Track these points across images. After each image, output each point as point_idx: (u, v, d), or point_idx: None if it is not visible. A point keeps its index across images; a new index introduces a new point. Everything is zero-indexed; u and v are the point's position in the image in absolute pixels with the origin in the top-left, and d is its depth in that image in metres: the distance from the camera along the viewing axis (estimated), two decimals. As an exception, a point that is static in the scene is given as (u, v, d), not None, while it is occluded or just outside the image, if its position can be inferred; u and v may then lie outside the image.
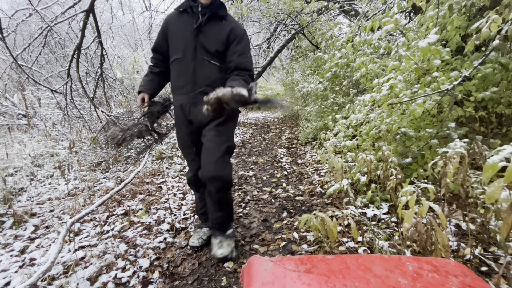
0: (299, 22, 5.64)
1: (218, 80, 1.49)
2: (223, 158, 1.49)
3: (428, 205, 1.16)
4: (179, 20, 1.55)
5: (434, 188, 1.23)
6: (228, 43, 1.50)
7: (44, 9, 3.49)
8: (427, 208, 1.16)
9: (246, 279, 0.66)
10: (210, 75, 1.51)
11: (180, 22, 1.54)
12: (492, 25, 1.54)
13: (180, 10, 1.55)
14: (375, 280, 0.60)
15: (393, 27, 2.06)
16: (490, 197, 0.94)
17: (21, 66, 2.92)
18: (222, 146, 1.51)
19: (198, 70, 1.51)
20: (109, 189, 2.78)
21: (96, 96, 3.98)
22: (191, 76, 1.52)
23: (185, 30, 1.51)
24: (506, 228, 0.95)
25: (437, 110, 2.12)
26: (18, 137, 4.32)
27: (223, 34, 1.48)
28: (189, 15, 1.51)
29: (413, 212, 1.17)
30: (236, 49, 1.50)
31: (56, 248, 1.58)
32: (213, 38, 1.49)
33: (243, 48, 1.51)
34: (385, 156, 1.83)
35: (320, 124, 4.24)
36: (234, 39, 1.49)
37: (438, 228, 1.15)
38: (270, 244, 1.80)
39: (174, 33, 1.56)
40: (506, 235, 0.96)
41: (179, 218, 2.22)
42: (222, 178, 1.50)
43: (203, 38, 1.49)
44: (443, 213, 1.28)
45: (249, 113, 10.02)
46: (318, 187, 2.69)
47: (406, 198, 1.20)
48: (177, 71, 1.57)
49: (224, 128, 1.54)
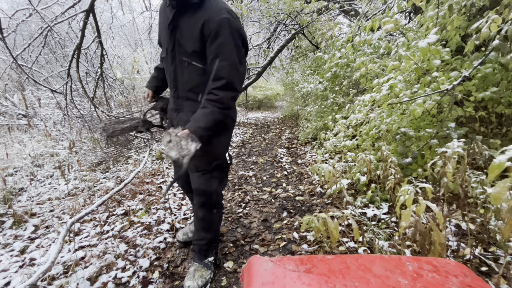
0: (299, 22, 5.64)
1: (201, 85, 1.24)
2: (210, 174, 1.35)
3: (425, 204, 1.16)
4: (163, 12, 1.31)
5: (431, 187, 1.23)
6: (203, 41, 1.16)
7: (44, 9, 3.49)
8: (425, 207, 1.16)
9: (246, 279, 0.66)
10: (190, 79, 1.26)
11: (163, 14, 1.32)
12: (492, 25, 1.54)
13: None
14: (375, 280, 0.60)
15: (392, 27, 2.06)
16: (495, 198, 0.92)
17: (21, 66, 2.92)
18: (210, 165, 1.35)
19: (178, 73, 1.28)
20: (109, 189, 2.78)
21: (96, 96, 3.98)
22: (173, 80, 1.32)
23: (164, 26, 1.27)
24: (509, 229, 0.95)
25: (437, 110, 2.11)
26: (18, 137, 4.32)
27: (197, 30, 1.16)
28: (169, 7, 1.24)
29: (411, 211, 1.18)
30: (210, 50, 1.16)
31: (56, 248, 1.58)
32: (188, 35, 1.19)
33: (218, 47, 1.14)
34: (385, 156, 1.83)
35: (320, 124, 4.24)
36: (209, 35, 1.14)
37: (435, 227, 1.15)
38: (270, 244, 1.80)
39: (159, 28, 1.36)
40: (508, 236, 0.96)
41: (179, 218, 2.22)
42: (205, 192, 1.35)
43: (179, 35, 1.22)
44: (443, 213, 1.29)
45: (249, 113, 10.02)
46: (318, 187, 2.69)
47: (404, 197, 1.20)
48: (165, 72, 1.39)
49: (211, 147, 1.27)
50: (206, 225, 1.45)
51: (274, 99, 12.89)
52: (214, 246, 1.52)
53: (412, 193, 1.19)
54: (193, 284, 1.37)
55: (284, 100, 12.51)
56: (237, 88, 1.20)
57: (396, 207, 1.24)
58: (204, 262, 1.47)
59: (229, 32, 1.13)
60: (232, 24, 1.13)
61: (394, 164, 1.79)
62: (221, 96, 1.16)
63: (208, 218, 1.43)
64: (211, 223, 1.46)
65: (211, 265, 1.48)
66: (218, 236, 1.56)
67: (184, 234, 1.79)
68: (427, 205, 1.16)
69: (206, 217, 1.42)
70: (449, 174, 1.21)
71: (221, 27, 1.12)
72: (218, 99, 1.16)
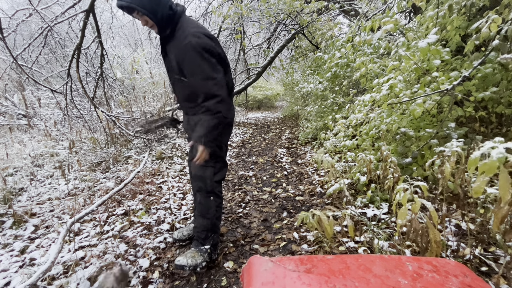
0: (299, 22, 5.64)
1: (191, 94, 1.45)
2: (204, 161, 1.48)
3: (420, 202, 1.19)
4: None
5: (426, 186, 1.25)
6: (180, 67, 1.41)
7: (44, 9, 3.49)
8: (420, 205, 1.18)
9: (246, 279, 0.66)
10: (183, 91, 1.51)
11: None
12: (492, 25, 1.54)
13: None
14: (375, 280, 0.60)
15: (392, 27, 2.06)
16: (476, 191, 0.97)
17: (21, 66, 2.92)
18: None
19: (175, 88, 1.58)
20: (109, 189, 2.78)
21: (96, 96, 3.98)
22: (175, 95, 1.64)
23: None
24: (496, 223, 0.99)
25: (437, 110, 2.11)
26: (18, 137, 4.32)
27: (174, 59, 1.41)
28: None
29: (406, 209, 1.20)
30: (186, 72, 1.40)
31: (56, 248, 1.58)
32: (172, 61, 1.45)
33: (189, 68, 1.37)
34: (385, 156, 1.83)
35: (320, 124, 4.24)
36: (181, 61, 1.38)
37: (431, 225, 1.16)
38: (270, 244, 1.80)
39: None
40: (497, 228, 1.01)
41: (179, 218, 2.22)
42: (200, 178, 1.54)
43: (168, 61, 1.52)
44: (442, 212, 1.29)
45: (249, 113, 10.02)
46: (318, 187, 2.69)
47: (399, 196, 1.21)
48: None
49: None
50: (203, 210, 1.57)
51: (274, 99, 12.89)
52: (211, 237, 1.59)
53: (408, 191, 1.21)
54: (182, 260, 1.49)
55: (284, 100, 12.51)
56: (217, 94, 1.36)
57: (393, 205, 1.25)
58: (199, 248, 1.56)
59: (192, 53, 1.33)
60: (194, 44, 1.32)
61: (394, 164, 1.79)
62: (208, 106, 1.37)
63: (205, 203, 1.56)
64: (208, 209, 1.57)
65: (205, 253, 1.55)
66: (216, 228, 1.62)
67: (179, 232, 1.86)
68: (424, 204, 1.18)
69: (203, 202, 1.57)
70: (447, 173, 1.21)
71: (186, 52, 1.34)
72: (206, 110, 1.38)
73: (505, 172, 0.90)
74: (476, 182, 0.98)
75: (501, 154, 0.90)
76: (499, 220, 0.97)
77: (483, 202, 1.44)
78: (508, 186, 0.89)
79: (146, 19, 1.34)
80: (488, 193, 1.33)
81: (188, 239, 1.84)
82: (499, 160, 0.90)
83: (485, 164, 0.93)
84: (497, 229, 1.01)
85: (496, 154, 0.91)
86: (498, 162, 0.90)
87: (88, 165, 3.52)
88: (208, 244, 1.57)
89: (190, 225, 1.87)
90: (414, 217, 1.21)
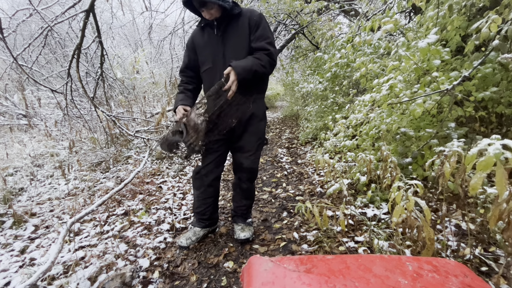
0: (299, 22, 5.64)
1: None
2: (255, 154, 1.75)
3: (414, 200, 1.21)
4: (199, 36, 1.71)
5: (421, 184, 1.27)
6: (249, 33, 1.60)
7: (44, 9, 3.48)
8: (413, 203, 1.21)
9: (246, 279, 0.66)
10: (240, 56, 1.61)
11: (199, 37, 1.71)
12: (492, 25, 1.54)
13: (201, 25, 1.70)
14: (375, 280, 0.60)
15: (392, 27, 2.06)
16: (473, 187, 0.99)
17: (22, 66, 2.92)
18: (255, 144, 1.74)
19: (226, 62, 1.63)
20: (109, 189, 2.78)
21: (96, 96, 3.98)
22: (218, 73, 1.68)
23: (207, 43, 1.67)
24: (493, 220, 1.00)
25: (437, 110, 2.11)
26: (18, 137, 4.32)
27: (245, 27, 1.60)
28: (211, 28, 1.66)
29: (401, 207, 1.21)
30: (256, 35, 1.59)
31: (56, 248, 1.58)
32: (236, 36, 1.60)
33: (262, 30, 1.59)
34: (385, 156, 1.83)
35: (320, 124, 4.24)
36: (254, 25, 1.59)
37: (425, 222, 1.17)
38: (270, 244, 1.80)
39: (202, 47, 1.71)
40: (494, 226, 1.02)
41: (179, 218, 2.22)
42: (253, 169, 1.79)
43: (227, 41, 1.62)
44: (442, 212, 1.29)
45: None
46: (318, 187, 2.69)
47: (394, 194, 1.22)
48: (210, 79, 1.69)
49: (254, 128, 1.72)
50: (249, 194, 1.88)
51: (274, 99, 12.88)
52: (250, 211, 1.95)
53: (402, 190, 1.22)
54: (247, 234, 1.80)
55: (284, 100, 12.50)
56: (274, 58, 1.58)
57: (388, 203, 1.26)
58: (247, 221, 1.89)
59: (265, 22, 1.61)
60: (264, 18, 1.63)
61: (394, 164, 1.79)
62: (263, 57, 1.53)
63: (251, 189, 1.88)
64: (252, 192, 1.90)
65: (251, 223, 1.92)
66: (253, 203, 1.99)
67: (188, 239, 1.79)
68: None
69: (250, 188, 1.86)
70: (447, 173, 1.21)
71: (261, 18, 1.60)
72: (260, 57, 1.53)
73: (501, 167, 0.91)
74: (473, 179, 0.98)
75: (498, 150, 0.91)
76: (496, 217, 0.97)
77: (483, 202, 1.44)
78: (505, 181, 0.90)
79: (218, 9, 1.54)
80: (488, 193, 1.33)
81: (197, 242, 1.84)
82: (496, 156, 0.91)
83: (482, 161, 0.94)
84: (493, 226, 1.01)
85: (493, 150, 0.92)
86: (495, 158, 0.91)
87: (88, 165, 3.52)
88: (250, 218, 1.94)
89: (195, 228, 1.85)
90: (408, 215, 1.22)
